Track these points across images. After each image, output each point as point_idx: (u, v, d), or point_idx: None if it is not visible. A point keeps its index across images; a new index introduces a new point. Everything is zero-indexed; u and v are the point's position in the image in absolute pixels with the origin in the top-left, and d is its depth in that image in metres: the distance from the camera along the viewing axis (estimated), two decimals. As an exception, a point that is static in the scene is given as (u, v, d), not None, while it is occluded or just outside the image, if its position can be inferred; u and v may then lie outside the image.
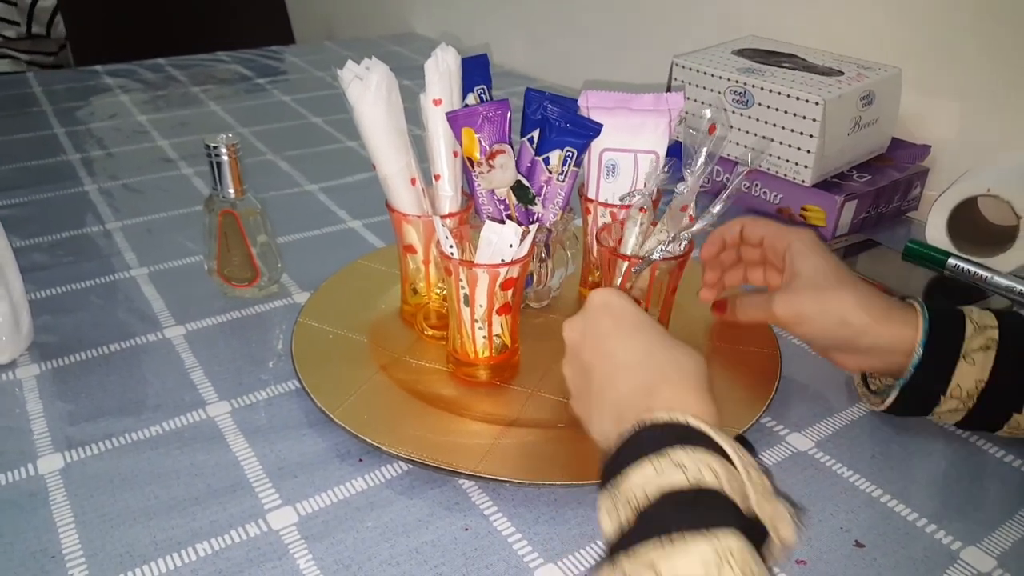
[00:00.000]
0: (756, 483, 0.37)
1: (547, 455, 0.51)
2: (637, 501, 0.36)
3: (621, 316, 0.47)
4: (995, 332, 0.50)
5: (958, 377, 0.50)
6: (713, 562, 0.32)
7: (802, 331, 0.54)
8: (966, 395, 0.50)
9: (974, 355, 0.50)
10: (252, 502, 0.49)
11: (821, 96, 0.77)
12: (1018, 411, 0.51)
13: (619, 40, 1.27)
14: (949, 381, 0.50)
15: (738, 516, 0.35)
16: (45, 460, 0.52)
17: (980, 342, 0.50)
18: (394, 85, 0.58)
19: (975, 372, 0.50)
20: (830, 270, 0.53)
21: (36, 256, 0.77)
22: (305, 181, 0.96)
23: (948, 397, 0.51)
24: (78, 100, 1.24)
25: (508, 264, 0.53)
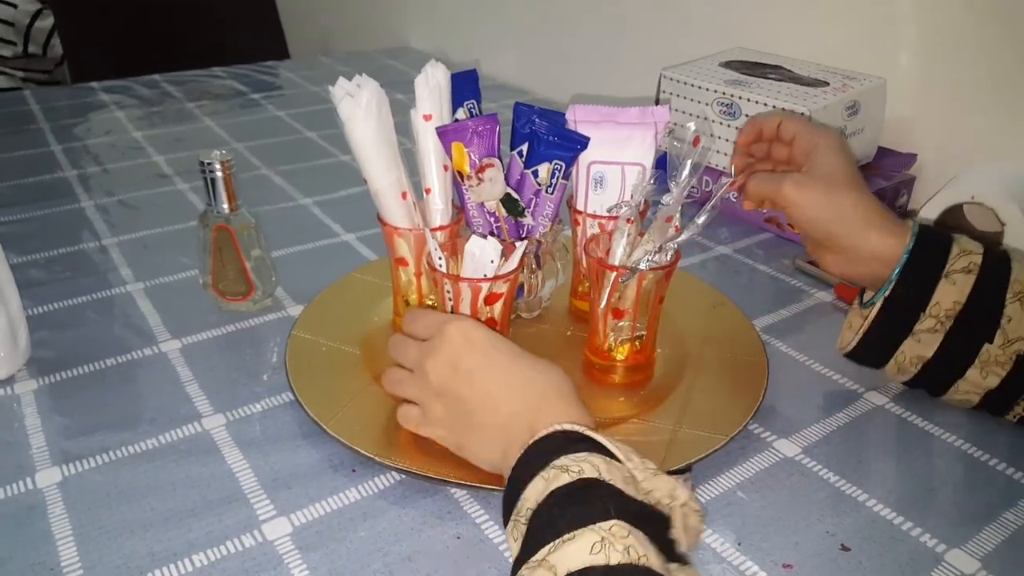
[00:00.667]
0: (640, 465, 0.41)
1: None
2: (531, 512, 0.39)
3: (487, 348, 0.48)
4: (979, 258, 0.53)
5: (938, 295, 0.53)
6: (599, 544, 0.35)
7: (799, 216, 0.57)
8: (944, 315, 0.53)
9: (956, 276, 0.52)
10: (247, 513, 0.50)
11: (807, 107, 0.79)
12: (990, 340, 0.53)
13: (608, 53, 1.28)
14: (930, 297, 0.53)
15: (622, 500, 0.38)
16: (43, 474, 0.52)
17: (963, 264, 0.53)
18: (384, 101, 0.59)
19: (954, 293, 0.52)
20: (846, 172, 0.57)
21: (33, 272, 0.78)
22: (299, 195, 0.97)
23: (927, 315, 0.53)
24: (74, 117, 1.25)
25: (489, 280, 0.54)
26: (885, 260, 0.55)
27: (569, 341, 0.67)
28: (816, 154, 0.58)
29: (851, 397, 0.61)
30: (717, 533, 0.48)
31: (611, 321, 0.59)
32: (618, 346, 0.59)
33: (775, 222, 0.87)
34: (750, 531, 0.49)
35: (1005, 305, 0.52)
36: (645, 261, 0.55)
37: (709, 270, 0.80)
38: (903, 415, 0.59)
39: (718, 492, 0.52)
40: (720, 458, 0.53)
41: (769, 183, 0.59)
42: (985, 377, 0.54)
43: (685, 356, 0.63)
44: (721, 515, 0.50)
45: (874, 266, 0.55)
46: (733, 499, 0.51)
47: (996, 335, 0.52)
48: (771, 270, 0.81)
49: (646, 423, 0.56)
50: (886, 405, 0.60)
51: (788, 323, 0.71)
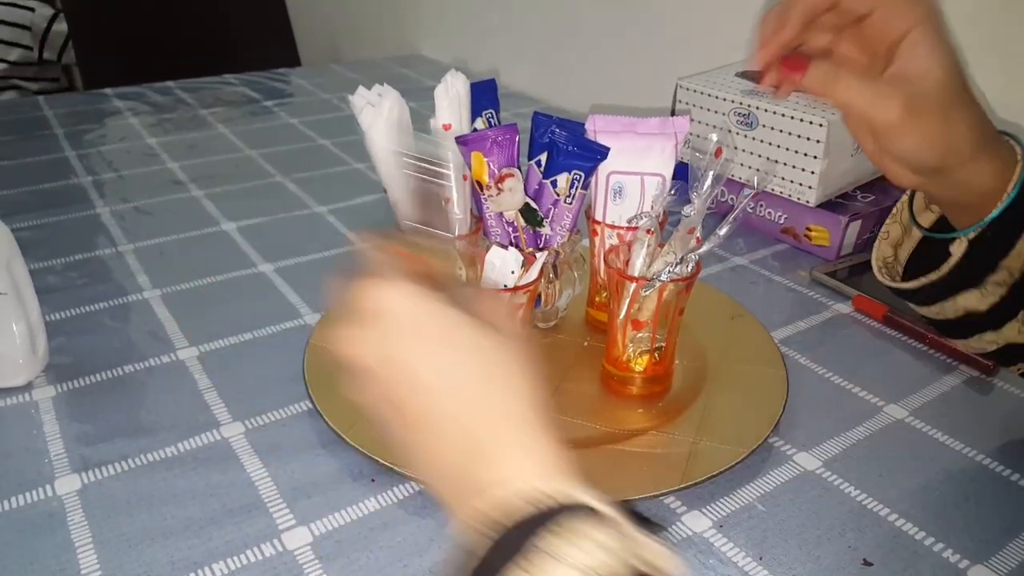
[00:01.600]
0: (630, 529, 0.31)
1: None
2: None
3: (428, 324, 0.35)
4: None
5: (1019, 247, 0.45)
6: None
7: (899, 145, 0.43)
8: (1018, 268, 0.46)
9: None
10: (267, 522, 0.49)
11: (825, 118, 0.78)
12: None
13: (622, 62, 1.28)
14: (1010, 248, 0.45)
15: None
16: (62, 481, 0.52)
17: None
18: (405, 111, 0.59)
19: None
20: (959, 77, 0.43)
21: (49, 278, 0.78)
22: (314, 203, 0.97)
23: (1002, 267, 0.46)
24: (88, 123, 1.26)
25: (510, 290, 0.54)
26: (985, 192, 0.45)
27: (586, 351, 0.66)
28: (918, 54, 0.42)
29: (871, 411, 0.61)
30: (738, 547, 0.48)
31: (630, 332, 0.58)
32: (637, 357, 0.59)
33: (791, 232, 0.87)
34: (771, 545, 0.48)
35: None
36: (666, 272, 0.55)
37: (725, 281, 0.80)
38: (924, 429, 0.59)
39: (739, 505, 0.51)
40: (740, 471, 0.53)
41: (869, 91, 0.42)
42: (1020, 332, 0.49)
43: (704, 367, 0.63)
44: (742, 529, 0.50)
45: (969, 196, 0.45)
46: (754, 512, 0.51)
47: None
48: (788, 281, 0.80)
49: (665, 435, 0.56)
50: (906, 419, 0.60)
51: (806, 335, 0.71)
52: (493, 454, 0.33)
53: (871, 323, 0.73)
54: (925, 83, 0.42)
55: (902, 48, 0.43)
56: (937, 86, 0.42)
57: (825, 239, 0.84)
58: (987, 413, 0.61)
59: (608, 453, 0.54)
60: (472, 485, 0.33)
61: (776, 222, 0.88)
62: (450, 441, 0.34)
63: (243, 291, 0.77)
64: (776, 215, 0.88)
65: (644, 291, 0.56)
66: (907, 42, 0.43)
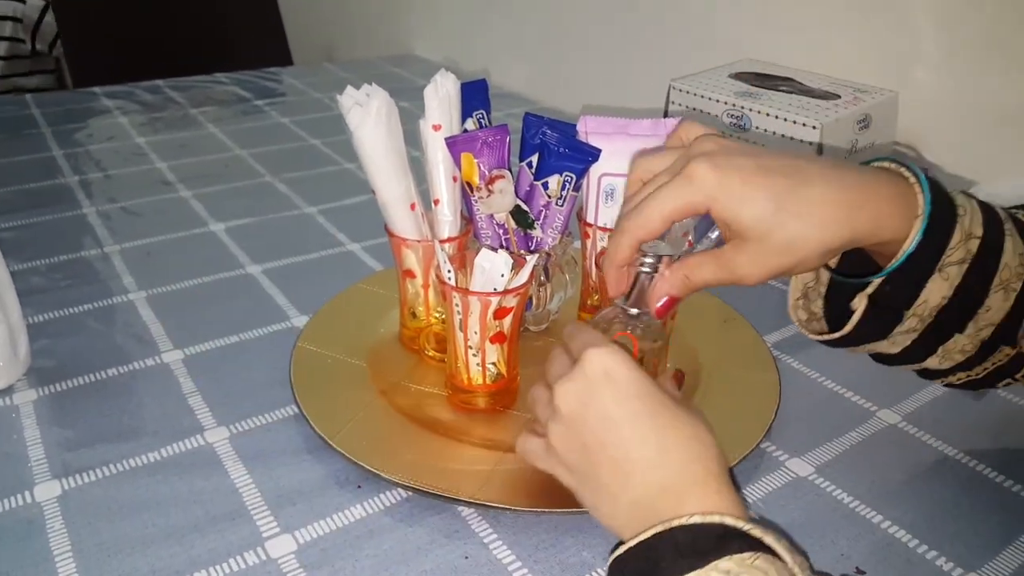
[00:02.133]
0: (801, 564, 0.35)
1: (547, 481, 0.50)
2: None
3: (629, 395, 0.40)
4: (976, 244, 0.43)
5: (927, 292, 0.43)
6: None
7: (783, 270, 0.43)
8: (928, 314, 0.44)
9: (949, 269, 0.43)
10: (250, 530, 0.49)
11: (818, 120, 0.78)
12: (961, 331, 0.45)
13: (618, 63, 1.28)
14: (917, 296, 0.43)
15: None
16: (42, 487, 0.51)
17: (960, 255, 0.43)
18: (394, 111, 0.58)
19: (944, 288, 0.43)
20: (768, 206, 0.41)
21: (34, 279, 0.77)
22: (304, 203, 0.96)
23: (910, 315, 0.44)
24: (76, 122, 1.24)
25: (500, 294, 0.53)
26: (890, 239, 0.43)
27: (577, 355, 0.66)
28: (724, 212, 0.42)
29: (864, 415, 0.60)
30: (730, 555, 0.47)
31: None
32: None
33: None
34: (764, 553, 0.48)
35: (989, 295, 0.44)
36: None
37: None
38: (917, 434, 0.58)
39: (731, 512, 0.51)
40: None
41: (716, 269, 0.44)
42: (941, 363, 0.47)
43: (696, 372, 0.63)
44: (734, 536, 0.49)
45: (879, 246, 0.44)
46: (746, 520, 0.50)
47: (968, 325, 0.45)
48: (781, 284, 0.80)
49: (657, 440, 0.55)
50: (899, 424, 0.59)
51: (798, 339, 0.70)
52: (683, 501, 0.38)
53: (864, 327, 0.72)
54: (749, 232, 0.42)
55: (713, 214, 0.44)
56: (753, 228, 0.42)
57: (818, 242, 0.83)
58: (980, 419, 0.61)
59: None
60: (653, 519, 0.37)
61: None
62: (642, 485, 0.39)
63: (230, 293, 0.76)
64: (769, 217, 0.87)
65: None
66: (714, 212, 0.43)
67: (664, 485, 0.39)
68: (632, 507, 0.39)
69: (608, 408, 0.40)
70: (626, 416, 0.40)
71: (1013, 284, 0.44)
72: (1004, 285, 0.44)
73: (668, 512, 0.37)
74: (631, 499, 0.40)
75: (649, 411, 0.40)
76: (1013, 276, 0.44)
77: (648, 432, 0.40)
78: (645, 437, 0.40)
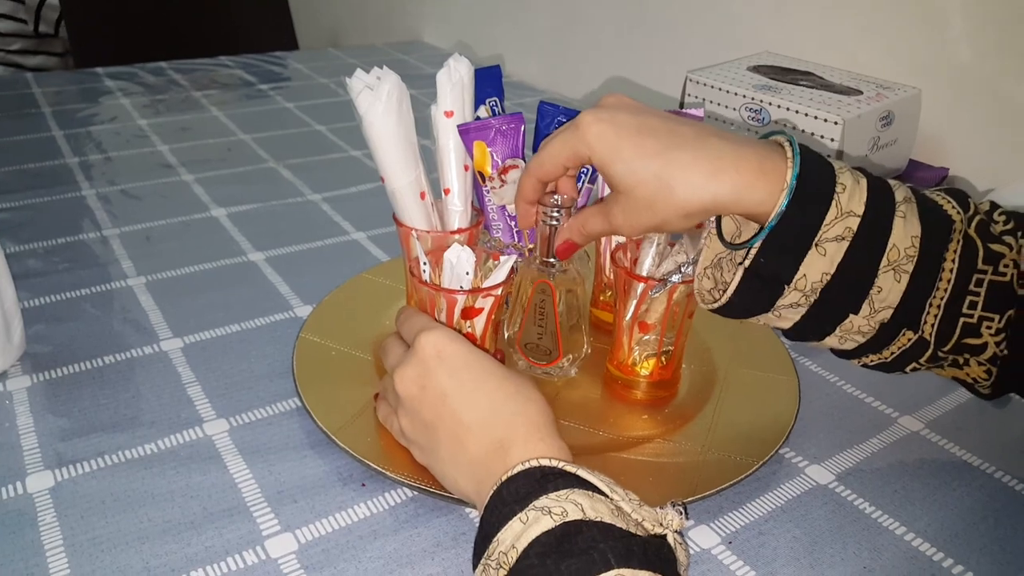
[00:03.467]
0: (624, 496, 0.38)
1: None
2: (509, 560, 0.36)
3: (459, 367, 0.45)
4: (856, 221, 0.42)
5: (805, 267, 0.43)
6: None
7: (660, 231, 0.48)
8: (810, 288, 0.43)
9: (827, 245, 0.42)
10: (250, 527, 0.47)
11: (840, 115, 0.76)
12: (855, 311, 0.44)
13: (630, 52, 1.26)
14: (795, 271, 0.43)
15: (619, 544, 0.35)
16: (35, 478, 0.50)
17: (838, 231, 0.42)
18: (405, 95, 0.56)
19: (824, 264, 0.43)
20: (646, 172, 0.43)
21: (31, 262, 0.75)
22: (308, 191, 0.94)
23: (791, 288, 0.44)
24: (78, 102, 1.22)
25: (466, 292, 0.51)
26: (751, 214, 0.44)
27: (588, 352, 0.64)
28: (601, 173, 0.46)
29: (885, 422, 0.58)
30: (748, 566, 0.46)
31: (636, 335, 0.56)
32: (643, 361, 0.57)
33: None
34: (783, 564, 0.46)
35: (877, 275, 0.43)
36: (678, 273, 0.52)
37: (732, 282, 0.78)
38: (940, 443, 0.56)
39: (748, 521, 0.49)
40: (750, 484, 0.51)
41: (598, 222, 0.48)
42: (843, 343, 0.47)
43: (711, 373, 0.61)
44: (751, 546, 0.47)
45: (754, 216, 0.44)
46: (764, 528, 0.48)
47: (863, 305, 0.44)
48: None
49: (670, 444, 0.53)
50: (922, 431, 0.57)
51: (816, 340, 0.68)
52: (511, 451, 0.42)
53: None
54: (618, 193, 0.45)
55: None
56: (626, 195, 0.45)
57: (836, 241, 0.81)
58: (1004, 427, 0.59)
59: (610, 461, 0.51)
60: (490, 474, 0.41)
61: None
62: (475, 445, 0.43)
63: (232, 280, 0.74)
64: (785, 215, 0.85)
65: (653, 292, 0.53)
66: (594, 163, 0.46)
67: (494, 442, 0.42)
68: (471, 468, 0.43)
69: (443, 384, 0.45)
70: (457, 387, 0.44)
71: (904, 266, 0.43)
72: (893, 267, 0.43)
73: (499, 466, 0.41)
74: (469, 461, 0.43)
75: (477, 379, 0.45)
76: (903, 258, 0.43)
77: (479, 397, 0.44)
78: (476, 402, 0.44)
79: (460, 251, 0.51)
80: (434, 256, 0.53)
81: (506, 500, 0.38)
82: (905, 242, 0.42)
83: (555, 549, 0.35)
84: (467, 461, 0.43)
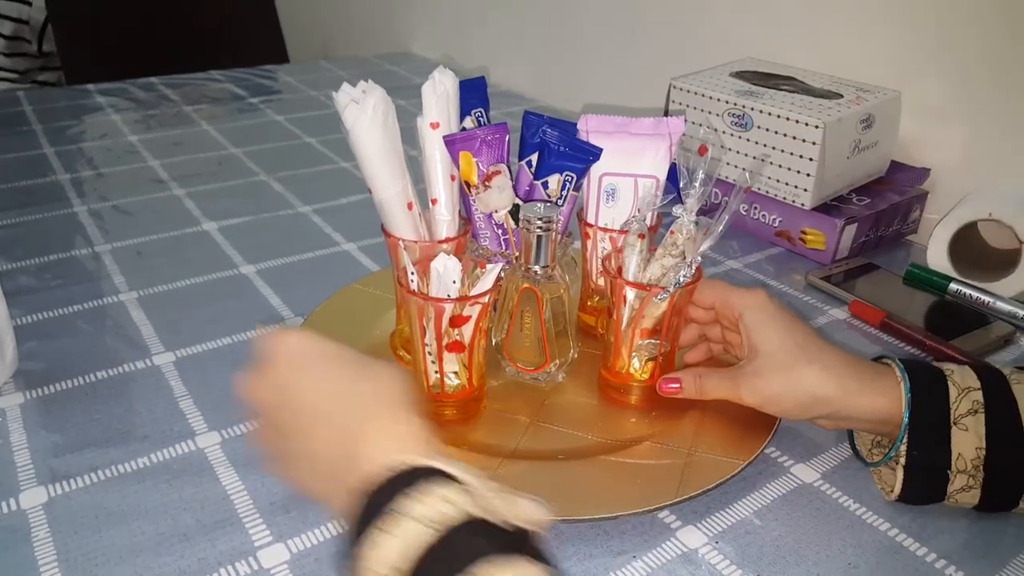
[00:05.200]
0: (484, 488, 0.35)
1: (547, 488, 0.50)
2: None
3: (299, 355, 0.41)
4: (980, 394, 0.47)
5: (956, 446, 0.47)
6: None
7: (775, 411, 0.52)
8: (971, 466, 0.47)
9: (964, 421, 0.47)
10: (242, 539, 0.47)
11: (821, 119, 0.77)
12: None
13: (615, 61, 1.27)
14: (950, 453, 0.47)
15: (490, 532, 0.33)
16: (28, 494, 0.50)
17: (967, 406, 0.47)
18: (391, 108, 0.57)
19: (972, 439, 0.47)
20: (792, 342, 0.51)
21: (23, 279, 0.75)
22: (298, 203, 0.95)
23: (955, 472, 0.47)
24: (68, 119, 1.23)
25: (454, 300, 0.52)
26: (886, 420, 0.49)
27: (577, 358, 0.64)
28: (750, 333, 0.52)
29: (870, 420, 0.59)
30: (734, 564, 0.46)
31: (637, 340, 0.56)
32: (643, 366, 0.57)
33: (786, 236, 0.85)
34: (769, 562, 0.47)
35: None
36: (682, 276, 0.53)
37: (719, 285, 0.78)
38: (924, 440, 0.57)
39: (735, 520, 0.50)
40: (736, 483, 0.51)
41: (724, 388, 0.53)
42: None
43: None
44: (738, 544, 0.48)
45: (878, 427, 0.50)
46: (751, 527, 0.49)
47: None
48: (783, 286, 0.79)
49: (660, 446, 0.54)
50: (906, 429, 0.58)
51: (802, 341, 0.69)
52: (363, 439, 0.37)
53: (868, 329, 0.71)
54: (759, 359, 0.52)
55: (740, 329, 0.54)
56: (766, 354, 0.51)
57: (820, 243, 0.82)
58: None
59: (600, 464, 0.52)
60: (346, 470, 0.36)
61: (770, 225, 0.86)
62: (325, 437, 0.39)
63: (223, 293, 0.74)
64: (770, 218, 0.86)
65: (658, 299, 0.53)
66: (741, 325, 0.53)
67: (339, 431, 0.38)
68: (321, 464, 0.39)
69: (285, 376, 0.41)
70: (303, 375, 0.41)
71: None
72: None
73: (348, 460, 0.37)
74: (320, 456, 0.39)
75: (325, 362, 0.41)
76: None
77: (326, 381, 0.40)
78: (322, 388, 0.40)
79: (447, 260, 0.52)
80: (422, 266, 0.53)
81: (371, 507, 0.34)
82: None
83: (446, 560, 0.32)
84: (319, 453, 0.39)
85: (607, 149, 0.59)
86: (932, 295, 0.76)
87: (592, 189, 0.62)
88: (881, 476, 0.52)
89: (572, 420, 0.57)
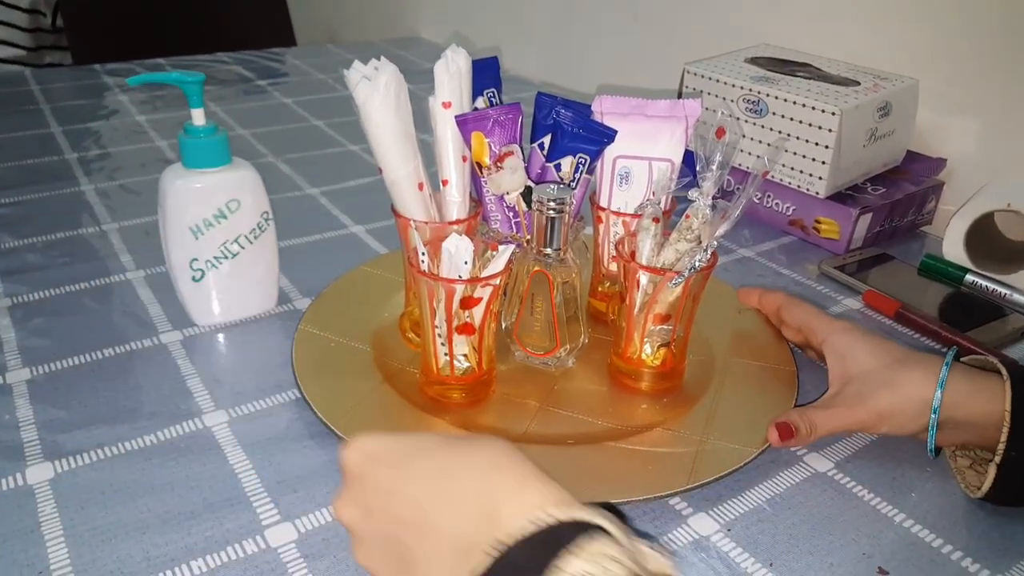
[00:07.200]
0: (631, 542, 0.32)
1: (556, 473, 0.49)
2: None
3: (394, 458, 0.37)
4: None
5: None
6: None
7: (889, 427, 0.51)
8: None
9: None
10: (250, 517, 0.47)
11: (838, 106, 0.76)
12: None
13: (627, 45, 1.25)
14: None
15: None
16: (34, 469, 0.50)
17: None
18: (403, 87, 0.56)
19: None
20: (889, 357, 0.52)
21: (30, 257, 0.75)
22: (306, 185, 0.94)
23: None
24: (76, 99, 1.22)
25: (465, 281, 0.51)
26: (994, 424, 0.48)
27: (587, 343, 0.64)
28: (841, 361, 0.53)
29: (884, 410, 0.58)
30: (748, 553, 0.46)
31: (650, 326, 0.56)
32: (655, 352, 0.57)
33: (800, 225, 0.84)
34: (782, 551, 0.46)
35: None
36: (698, 261, 0.52)
37: (731, 273, 0.78)
38: (939, 430, 0.56)
39: (748, 508, 0.49)
40: (749, 471, 0.51)
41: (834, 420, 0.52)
42: None
43: (711, 362, 0.61)
44: (751, 533, 0.47)
45: (985, 432, 0.49)
46: (763, 516, 0.48)
47: None
48: (796, 275, 0.78)
49: (671, 433, 0.53)
50: (920, 419, 0.57)
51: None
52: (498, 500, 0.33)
53: (882, 319, 0.71)
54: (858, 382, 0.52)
55: (827, 358, 0.55)
56: (867, 375, 0.52)
57: (834, 232, 0.81)
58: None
59: (611, 451, 0.52)
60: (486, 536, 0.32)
61: (784, 213, 0.85)
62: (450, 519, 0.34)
63: (231, 274, 0.74)
64: (784, 206, 0.85)
65: (674, 283, 0.53)
66: (828, 353, 0.55)
67: (470, 514, 0.34)
68: (457, 555, 0.33)
69: (386, 483, 0.36)
70: (402, 479, 0.36)
71: None
72: None
73: (489, 534, 0.32)
74: (452, 548, 0.34)
75: (426, 454, 0.37)
76: None
77: (431, 475, 0.36)
78: (432, 483, 0.35)
79: (458, 240, 0.51)
80: (432, 247, 0.53)
81: (520, 564, 0.31)
82: None
83: None
84: (451, 550, 0.33)
85: (621, 131, 0.58)
86: (947, 286, 0.76)
87: (606, 172, 0.61)
88: (964, 475, 0.51)
89: (582, 406, 0.56)
